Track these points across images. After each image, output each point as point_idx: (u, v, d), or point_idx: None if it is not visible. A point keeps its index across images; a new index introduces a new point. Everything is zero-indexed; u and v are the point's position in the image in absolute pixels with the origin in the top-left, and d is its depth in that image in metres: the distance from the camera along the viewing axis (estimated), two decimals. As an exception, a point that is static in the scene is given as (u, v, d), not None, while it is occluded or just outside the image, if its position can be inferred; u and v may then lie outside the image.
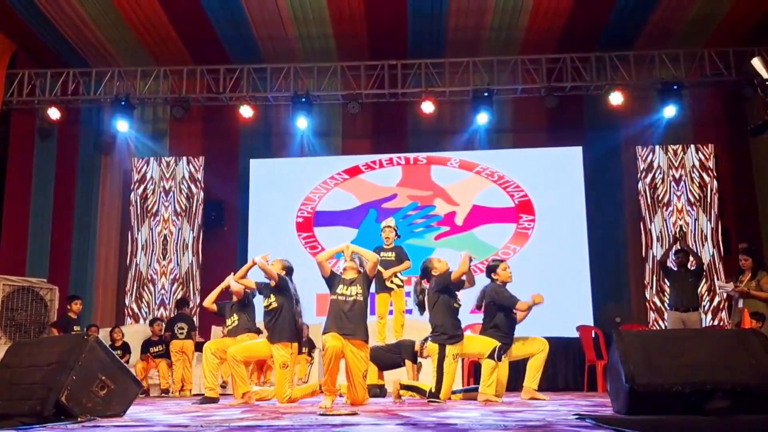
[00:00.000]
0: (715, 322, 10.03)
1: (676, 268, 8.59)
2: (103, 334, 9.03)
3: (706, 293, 10.14)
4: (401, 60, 10.54)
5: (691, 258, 8.70)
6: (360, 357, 5.13)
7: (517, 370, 6.64)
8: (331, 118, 11.48)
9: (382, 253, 7.04)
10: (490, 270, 6.20)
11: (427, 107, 10.44)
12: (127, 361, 8.95)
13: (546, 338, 6.28)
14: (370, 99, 10.76)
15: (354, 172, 11.35)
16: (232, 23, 9.95)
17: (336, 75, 10.71)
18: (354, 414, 4.15)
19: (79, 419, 3.79)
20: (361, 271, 5.31)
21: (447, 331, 5.59)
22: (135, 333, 9.86)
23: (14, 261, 10.54)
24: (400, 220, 11.02)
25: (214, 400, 6.12)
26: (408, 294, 7.44)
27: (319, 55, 10.73)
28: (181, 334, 9.30)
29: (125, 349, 9.26)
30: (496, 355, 5.67)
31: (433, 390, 5.55)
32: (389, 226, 7.42)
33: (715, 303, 10.15)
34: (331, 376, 4.88)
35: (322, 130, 11.49)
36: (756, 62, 5.54)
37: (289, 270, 6.06)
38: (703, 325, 9.11)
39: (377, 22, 9.95)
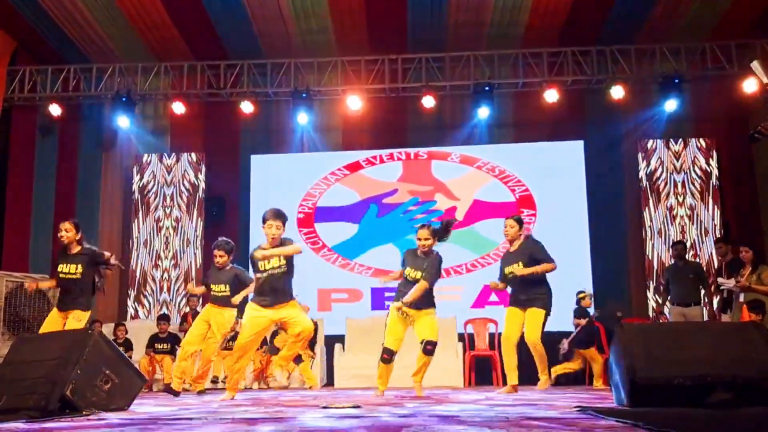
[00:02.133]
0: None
1: (673, 262, 8.62)
2: (106, 330, 9.06)
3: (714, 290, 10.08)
4: (401, 54, 10.54)
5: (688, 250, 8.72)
6: None
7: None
8: (332, 114, 11.48)
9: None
10: None
11: (428, 102, 10.45)
12: (130, 357, 8.98)
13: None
14: (371, 94, 10.76)
15: (355, 167, 11.36)
16: (231, 19, 9.95)
17: (336, 70, 10.72)
18: (357, 407, 4.17)
19: (83, 413, 3.81)
20: None
21: None
22: (139, 329, 9.88)
23: (17, 257, 10.58)
24: (401, 215, 11.04)
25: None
26: None
27: (319, 50, 10.73)
28: None
29: (128, 345, 9.31)
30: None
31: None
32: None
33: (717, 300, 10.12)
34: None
35: (323, 125, 11.48)
36: (756, 65, 5.51)
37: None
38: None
39: (377, 16, 9.94)
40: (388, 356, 5.97)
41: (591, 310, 8.58)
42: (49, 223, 11.06)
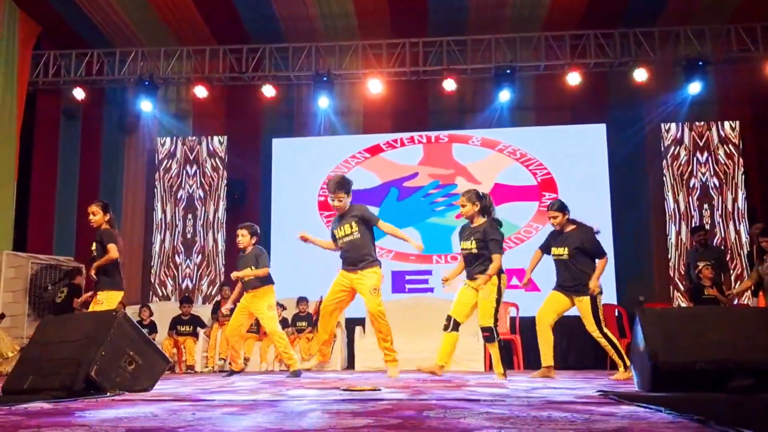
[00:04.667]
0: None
1: (695, 247, 8.56)
2: (130, 312, 9.17)
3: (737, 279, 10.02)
4: (423, 38, 10.49)
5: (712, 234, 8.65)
6: None
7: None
8: (353, 97, 11.47)
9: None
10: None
11: (449, 85, 10.41)
12: (154, 339, 9.09)
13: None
14: (392, 77, 10.73)
15: (375, 150, 11.35)
16: (253, 3, 9.95)
17: (357, 53, 10.70)
18: (377, 389, 4.20)
19: (108, 393, 3.88)
20: None
21: None
22: (162, 311, 10.00)
23: (42, 239, 10.75)
24: (422, 199, 11.03)
25: None
26: None
27: (340, 33, 10.71)
28: None
29: (152, 328, 9.39)
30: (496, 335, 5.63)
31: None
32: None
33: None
34: None
35: (344, 108, 11.49)
36: None
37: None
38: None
39: (398, -1, 9.89)
40: (446, 322, 5.65)
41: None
42: (73, 206, 11.20)
